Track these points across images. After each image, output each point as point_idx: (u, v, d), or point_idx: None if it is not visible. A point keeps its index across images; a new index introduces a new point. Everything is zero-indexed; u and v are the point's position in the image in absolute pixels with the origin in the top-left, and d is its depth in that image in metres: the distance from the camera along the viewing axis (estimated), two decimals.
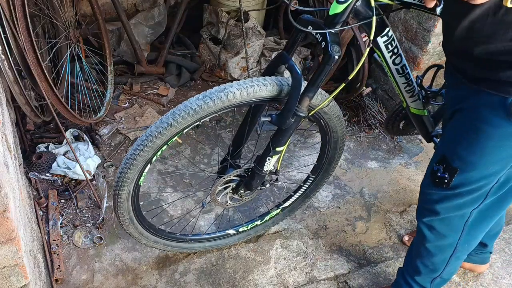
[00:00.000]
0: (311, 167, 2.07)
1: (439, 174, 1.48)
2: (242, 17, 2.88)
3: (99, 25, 2.76)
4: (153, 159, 1.60)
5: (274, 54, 3.12)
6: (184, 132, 1.56)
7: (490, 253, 2.06)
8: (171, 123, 1.50)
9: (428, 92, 1.79)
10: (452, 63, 1.44)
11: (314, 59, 3.13)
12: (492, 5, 1.14)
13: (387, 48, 1.58)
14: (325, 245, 2.21)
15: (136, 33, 3.01)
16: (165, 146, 1.58)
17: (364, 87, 2.78)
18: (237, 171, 1.79)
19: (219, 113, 1.55)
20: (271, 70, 1.63)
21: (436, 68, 1.80)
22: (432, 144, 2.00)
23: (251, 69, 3.04)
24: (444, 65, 1.57)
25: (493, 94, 1.27)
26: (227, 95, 1.49)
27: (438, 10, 1.14)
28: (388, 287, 1.99)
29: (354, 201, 2.44)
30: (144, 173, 1.63)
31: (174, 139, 1.57)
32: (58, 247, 2.03)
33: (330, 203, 2.41)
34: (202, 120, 1.54)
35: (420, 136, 2.68)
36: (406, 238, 2.24)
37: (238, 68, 3.04)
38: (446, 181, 1.47)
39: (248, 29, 2.98)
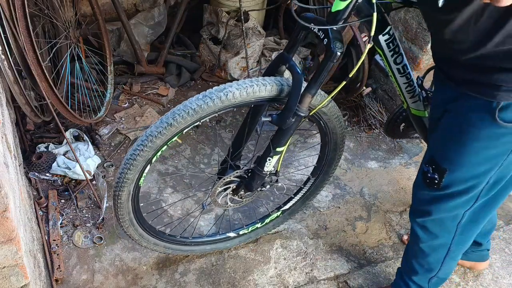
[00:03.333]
0: (311, 168, 2.07)
1: (429, 175, 1.50)
2: (242, 17, 2.88)
3: (99, 25, 2.76)
4: (153, 160, 1.60)
5: (274, 54, 3.12)
6: (184, 132, 1.56)
7: (488, 250, 2.07)
8: (171, 123, 1.50)
9: (429, 93, 1.79)
10: (440, 68, 1.47)
11: (314, 59, 3.13)
12: (474, 14, 1.17)
13: (388, 46, 1.58)
14: (325, 245, 2.21)
15: (136, 33, 3.01)
16: (165, 146, 1.58)
17: (364, 87, 2.78)
18: (237, 172, 1.79)
19: (218, 113, 1.55)
20: (271, 70, 1.63)
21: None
22: None
23: (251, 69, 3.04)
24: None
25: (479, 98, 1.29)
26: (227, 95, 1.49)
27: (441, 2, 1.14)
28: (388, 287, 1.99)
29: (354, 201, 2.44)
30: (144, 174, 1.63)
31: (174, 139, 1.57)
32: (58, 247, 2.03)
33: (330, 203, 2.41)
34: (202, 120, 1.54)
35: (415, 138, 2.69)
36: (405, 237, 2.24)
37: (238, 68, 3.04)
38: (436, 181, 1.49)
39: (248, 29, 2.98)
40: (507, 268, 2.18)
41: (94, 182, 2.31)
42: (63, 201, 2.25)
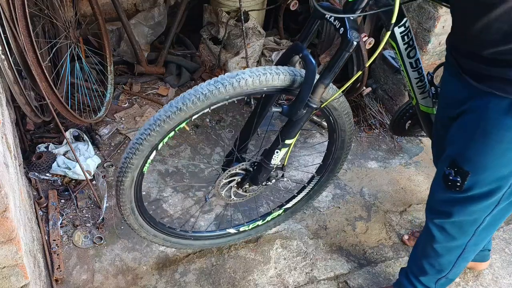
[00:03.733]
0: (311, 168, 2.06)
1: (451, 178, 1.46)
2: (242, 17, 2.88)
3: (99, 25, 2.77)
4: (159, 146, 1.55)
5: (274, 54, 3.12)
6: (192, 119, 1.51)
7: (489, 250, 2.06)
8: (181, 108, 1.46)
9: (438, 89, 1.78)
10: (457, 61, 1.41)
11: (314, 58, 3.12)
12: None
13: (403, 39, 1.57)
14: (325, 245, 2.21)
15: (136, 33, 3.01)
16: (172, 133, 1.53)
17: (364, 87, 2.78)
18: (243, 164, 1.76)
19: (229, 101, 1.50)
20: (284, 60, 1.60)
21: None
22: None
23: None
24: None
25: (502, 96, 1.25)
26: (239, 81, 1.45)
27: None
28: (389, 287, 1.98)
29: (354, 201, 2.44)
30: (149, 160, 1.58)
31: (182, 125, 1.52)
32: (58, 247, 2.03)
33: (330, 203, 2.41)
34: (212, 107, 1.49)
35: (420, 136, 2.69)
36: (405, 237, 2.24)
37: (238, 68, 3.04)
38: (458, 184, 1.45)
39: (248, 29, 2.98)
40: (507, 268, 2.18)
41: (94, 182, 2.31)
42: (63, 201, 2.25)
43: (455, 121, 1.45)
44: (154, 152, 1.57)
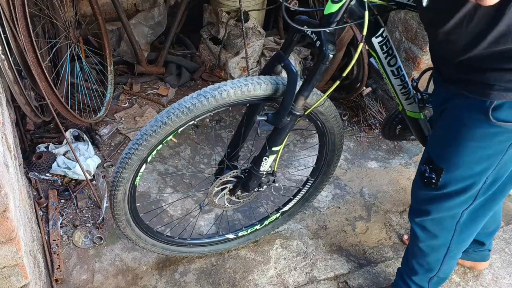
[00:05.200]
0: (311, 168, 2.06)
1: (426, 175, 1.51)
2: (242, 17, 2.88)
3: (99, 25, 2.77)
4: (149, 159, 1.59)
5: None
6: (179, 131, 1.55)
7: (489, 250, 2.07)
8: (166, 122, 1.49)
9: (424, 95, 1.79)
10: (437, 68, 1.48)
11: (314, 59, 3.13)
12: (466, 16, 1.17)
13: (381, 49, 1.59)
14: (325, 245, 2.21)
15: (136, 33, 3.01)
16: (161, 145, 1.57)
17: (364, 87, 2.78)
18: (233, 172, 1.79)
19: (213, 112, 1.54)
20: (268, 69, 1.63)
21: (432, 71, 1.80)
22: None
23: (251, 69, 3.04)
24: None
25: (473, 97, 1.30)
26: (221, 93, 1.48)
27: (425, 2, 1.16)
28: (388, 287, 1.99)
29: (354, 201, 2.44)
30: (139, 173, 1.62)
31: (169, 138, 1.56)
32: (58, 247, 2.03)
33: (330, 203, 2.41)
34: (197, 119, 1.54)
35: (411, 140, 2.68)
36: (405, 237, 2.24)
37: (238, 68, 3.04)
38: (433, 181, 1.49)
39: (248, 29, 2.98)
40: (507, 268, 2.18)
41: (94, 182, 2.31)
42: (63, 201, 2.25)
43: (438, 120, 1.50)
44: (144, 165, 1.61)
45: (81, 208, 2.23)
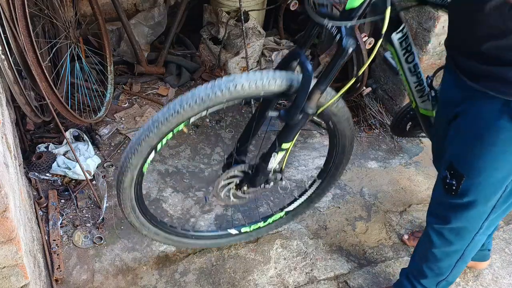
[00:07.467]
0: (311, 168, 2.06)
1: (448, 181, 1.46)
2: (242, 17, 2.88)
3: (99, 25, 2.77)
4: (158, 147, 1.58)
5: (274, 54, 3.12)
6: (190, 122, 1.54)
7: (489, 250, 2.06)
8: (178, 110, 1.48)
9: (438, 92, 1.78)
10: (455, 61, 1.41)
11: (314, 58, 3.13)
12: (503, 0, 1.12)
13: (401, 45, 1.57)
14: (325, 245, 2.21)
15: (136, 33, 3.01)
16: (171, 134, 1.55)
17: (364, 87, 2.78)
18: (241, 167, 1.78)
19: (226, 104, 1.52)
20: (283, 65, 1.60)
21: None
22: None
23: (251, 69, 3.04)
24: None
25: (497, 97, 1.24)
26: (236, 86, 1.46)
27: None
28: (389, 287, 1.98)
29: (354, 201, 2.44)
30: (148, 161, 1.61)
31: (180, 127, 1.54)
32: (58, 247, 2.03)
33: (330, 203, 2.41)
34: (209, 111, 1.51)
35: (421, 137, 2.68)
36: (405, 237, 2.24)
37: (238, 68, 3.04)
38: (454, 188, 1.44)
39: (248, 29, 2.98)
40: (507, 268, 2.18)
41: (94, 182, 2.31)
42: (63, 201, 2.25)
43: (453, 122, 1.45)
44: (153, 153, 1.59)
45: (81, 208, 2.23)
